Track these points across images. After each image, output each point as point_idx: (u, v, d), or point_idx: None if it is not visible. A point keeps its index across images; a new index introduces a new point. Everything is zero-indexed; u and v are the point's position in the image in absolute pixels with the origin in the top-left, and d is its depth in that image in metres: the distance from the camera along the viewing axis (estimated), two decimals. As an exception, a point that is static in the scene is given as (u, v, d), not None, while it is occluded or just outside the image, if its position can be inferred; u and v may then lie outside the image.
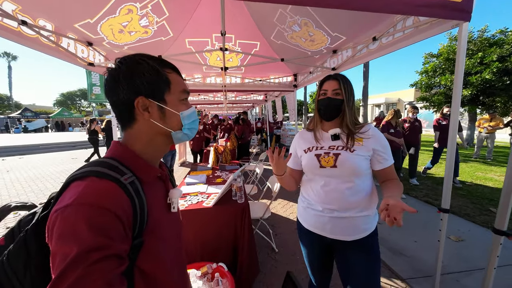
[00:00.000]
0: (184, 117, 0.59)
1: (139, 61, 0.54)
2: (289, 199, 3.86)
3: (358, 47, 2.22)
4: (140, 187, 0.51)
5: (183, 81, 0.61)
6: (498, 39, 8.67)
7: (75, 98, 47.21)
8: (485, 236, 2.64)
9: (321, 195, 1.03)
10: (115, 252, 0.40)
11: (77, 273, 0.35)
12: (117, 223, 0.42)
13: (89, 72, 5.89)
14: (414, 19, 1.54)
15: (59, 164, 7.72)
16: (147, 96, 0.54)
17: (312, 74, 3.46)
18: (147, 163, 0.57)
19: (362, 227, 0.99)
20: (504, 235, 1.15)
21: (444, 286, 1.84)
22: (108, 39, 2.23)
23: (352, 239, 0.99)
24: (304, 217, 1.12)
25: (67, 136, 17.33)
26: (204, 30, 2.72)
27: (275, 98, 6.30)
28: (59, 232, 0.39)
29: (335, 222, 1.00)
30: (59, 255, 0.37)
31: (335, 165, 0.98)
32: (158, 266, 0.53)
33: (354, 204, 0.98)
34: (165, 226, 0.58)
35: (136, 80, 0.53)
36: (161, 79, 0.55)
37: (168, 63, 0.59)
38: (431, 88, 10.53)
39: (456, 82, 1.29)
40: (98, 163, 0.49)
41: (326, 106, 1.02)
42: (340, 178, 0.99)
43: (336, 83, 1.00)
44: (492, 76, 8.15)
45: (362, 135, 1.00)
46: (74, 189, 0.43)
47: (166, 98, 0.56)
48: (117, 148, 0.56)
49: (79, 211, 0.40)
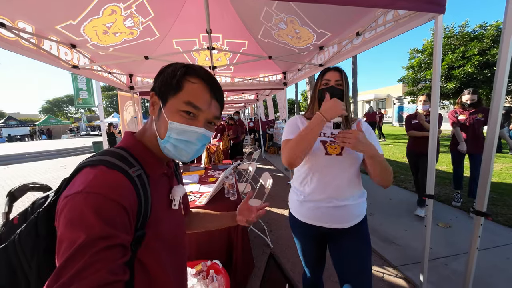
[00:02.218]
0: (172, 129, 0.53)
1: (172, 64, 0.56)
2: (282, 196, 3.89)
3: (343, 43, 2.27)
4: (147, 180, 0.52)
5: (203, 96, 0.54)
6: (478, 34, 9.03)
7: (62, 104, 45.89)
8: (471, 221, 2.75)
9: (321, 185, 1.02)
10: (120, 242, 0.41)
11: (84, 260, 0.36)
12: (123, 214, 0.43)
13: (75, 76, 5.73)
14: (394, 13, 1.60)
15: (46, 172, 7.49)
16: (156, 93, 0.55)
17: (301, 71, 3.51)
18: (156, 159, 0.58)
19: (356, 214, 1.02)
20: (484, 215, 1.21)
21: (434, 270, 1.91)
22: (92, 40, 2.19)
23: (347, 226, 1.02)
24: (299, 211, 1.11)
25: (55, 144, 16.82)
26: (191, 30, 2.71)
27: (266, 97, 6.33)
28: (68, 217, 0.39)
29: (332, 212, 1.01)
30: (66, 240, 0.38)
31: (341, 153, 1.00)
32: (156, 259, 0.54)
33: (350, 192, 1.01)
34: (165, 221, 0.58)
35: (159, 78, 0.55)
36: (173, 82, 0.53)
37: (204, 73, 0.55)
38: (418, 82, 10.86)
39: (435, 74, 1.35)
40: (110, 153, 0.50)
41: (331, 94, 0.99)
42: (341, 166, 1.01)
43: (338, 74, 1.03)
44: (474, 69, 8.49)
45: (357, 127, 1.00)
46: (84, 176, 0.44)
47: (168, 101, 0.54)
48: (129, 139, 0.57)
49: (88, 199, 0.40)
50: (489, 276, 1.83)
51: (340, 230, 1.03)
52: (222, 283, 1.36)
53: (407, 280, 1.87)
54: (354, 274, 1.01)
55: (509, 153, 6.37)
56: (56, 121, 28.98)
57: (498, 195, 3.50)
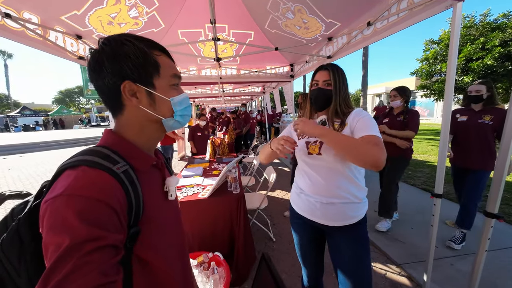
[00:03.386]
0: (176, 103, 0.56)
1: (124, 42, 0.50)
2: (286, 190, 3.89)
3: (353, 34, 2.17)
4: (135, 175, 0.50)
5: (174, 65, 0.58)
6: (501, 23, 8.45)
7: (73, 95, 46.98)
8: (480, 220, 2.67)
9: (309, 182, 1.05)
10: (110, 243, 0.39)
11: (71, 264, 0.35)
12: (110, 213, 0.41)
13: (83, 67, 5.79)
14: (409, 1, 1.50)
15: (60, 162, 7.76)
16: (134, 81, 0.50)
17: (308, 63, 3.41)
18: (141, 151, 0.56)
19: (350, 214, 1.00)
20: (495, 217, 1.16)
21: (438, 269, 1.87)
22: (97, 31, 2.19)
23: (340, 225, 1.00)
24: (296, 202, 1.14)
25: (67, 133, 17.36)
26: (196, 20, 2.66)
27: (273, 89, 6.24)
28: (50, 222, 0.38)
29: (324, 208, 1.01)
30: (51, 246, 0.37)
31: (320, 152, 1.00)
32: (156, 254, 0.53)
33: (340, 191, 0.98)
34: (163, 214, 0.58)
35: (122, 63, 0.49)
36: (149, 62, 0.51)
37: (157, 44, 0.55)
38: (432, 75, 10.38)
39: (449, 66, 1.27)
40: (90, 152, 0.48)
41: (316, 97, 1.05)
42: (324, 165, 1.00)
43: (327, 73, 1.02)
44: (494, 61, 8.01)
45: (347, 119, 1.00)
46: (65, 178, 0.43)
47: (155, 83, 0.53)
48: (109, 136, 0.54)
49: (69, 202, 0.39)
50: (496, 278, 1.78)
51: (335, 228, 1.02)
52: (223, 275, 1.38)
53: (410, 279, 1.85)
54: (348, 272, 1.00)
55: None
56: (68, 111, 29.82)
57: (508, 194, 3.37)
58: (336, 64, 1.06)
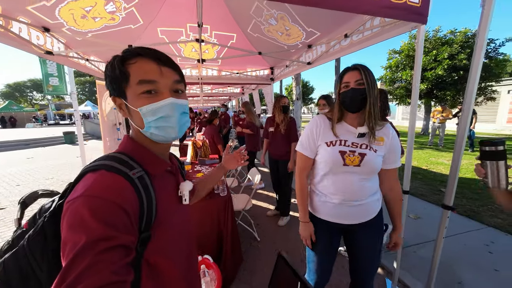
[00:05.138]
0: (146, 113, 0.52)
1: (110, 60, 0.53)
2: (268, 190, 3.98)
3: (331, 43, 2.33)
4: (149, 181, 0.52)
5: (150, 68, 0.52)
6: (449, 39, 9.70)
7: (25, 90, 41.49)
8: (437, 212, 3.06)
9: (341, 189, 1.06)
10: (122, 243, 0.41)
11: (86, 262, 0.37)
12: (122, 215, 0.44)
13: (43, 60, 5.17)
14: (381, 19, 1.68)
15: (12, 165, 6.84)
16: (116, 95, 0.54)
17: (288, 67, 3.54)
18: (156, 157, 0.57)
19: (375, 209, 1.10)
20: (450, 209, 1.37)
21: (405, 257, 2.11)
22: (69, 24, 2.01)
23: (366, 220, 1.09)
24: (321, 210, 1.14)
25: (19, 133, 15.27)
26: (177, 19, 2.59)
27: (252, 91, 6.31)
28: (69, 221, 0.41)
29: (353, 210, 1.07)
30: (69, 243, 0.39)
31: (359, 164, 1.01)
32: (166, 259, 0.55)
33: (366, 194, 1.06)
34: (176, 218, 0.59)
35: (107, 81, 0.55)
36: (118, 73, 0.51)
37: (139, 49, 0.53)
38: (394, 82, 11.46)
39: (415, 77, 1.46)
40: (110, 157, 0.51)
41: (351, 98, 0.98)
42: (360, 175, 1.04)
43: (358, 73, 0.97)
44: (443, 72, 9.16)
45: (383, 135, 1.04)
46: (85, 181, 0.46)
47: (127, 93, 0.52)
48: (127, 142, 0.57)
49: (87, 202, 0.42)
50: (450, 261, 2.08)
51: (359, 224, 1.10)
52: (214, 277, 1.39)
53: (382, 267, 2.06)
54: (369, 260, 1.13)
55: (469, 150, 7.09)
56: (19, 108, 26.16)
57: (458, 188, 3.91)
58: (364, 64, 1.01)
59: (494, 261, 2.10)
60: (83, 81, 33.40)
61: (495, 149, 0.88)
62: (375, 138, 1.00)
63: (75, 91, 3.90)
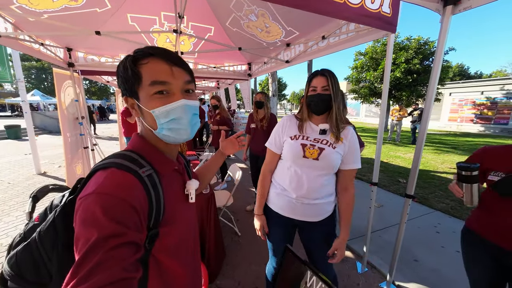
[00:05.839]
0: (159, 115, 0.52)
1: (122, 60, 0.54)
2: (246, 186, 4.03)
3: (309, 43, 2.42)
4: (158, 180, 0.53)
5: (161, 69, 0.52)
6: (405, 45, 10.78)
7: None
8: (396, 200, 3.46)
9: (297, 184, 1.11)
10: (131, 240, 0.42)
11: (97, 258, 0.38)
12: (132, 213, 0.44)
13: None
14: (355, 25, 1.80)
15: None
16: (127, 95, 0.55)
17: (266, 64, 3.58)
18: (164, 156, 0.59)
19: (327, 209, 1.16)
20: (411, 198, 1.57)
21: (371, 242, 2.36)
22: (19, 2, 1.74)
23: (318, 219, 1.15)
24: (275, 202, 1.20)
25: None
26: (151, 6, 2.42)
27: (228, 85, 6.22)
28: (82, 217, 0.42)
29: (306, 208, 1.12)
30: (81, 239, 0.40)
31: (318, 158, 1.06)
32: (172, 256, 0.56)
33: (322, 193, 1.12)
34: (183, 216, 0.61)
35: (119, 81, 0.55)
36: (130, 74, 0.51)
37: (151, 49, 0.52)
38: (360, 82, 12.37)
39: (385, 81, 1.62)
40: (120, 155, 0.52)
41: (316, 102, 1.08)
42: (318, 170, 1.08)
43: (325, 79, 1.06)
44: (401, 74, 10.18)
45: (343, 135, 1.09)
46: (97, 178, 0.47)
47: (139, 94, 0.53)
48: (137, 140, 0.58)
49: (98, 200, 0.43)
50: (407, 242, 2.39)
51: (312, 222, 1.15)
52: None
53: (352, 251, 2.28)
54: (322, 253, 1.17)
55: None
56: None
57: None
58: (330, 70, 1.10)
59: (441, 240, 2.48)
60: (28, 66, 28.64)
61: (471, 174, 1.03)
62: (338, 137, 1.08)
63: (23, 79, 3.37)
